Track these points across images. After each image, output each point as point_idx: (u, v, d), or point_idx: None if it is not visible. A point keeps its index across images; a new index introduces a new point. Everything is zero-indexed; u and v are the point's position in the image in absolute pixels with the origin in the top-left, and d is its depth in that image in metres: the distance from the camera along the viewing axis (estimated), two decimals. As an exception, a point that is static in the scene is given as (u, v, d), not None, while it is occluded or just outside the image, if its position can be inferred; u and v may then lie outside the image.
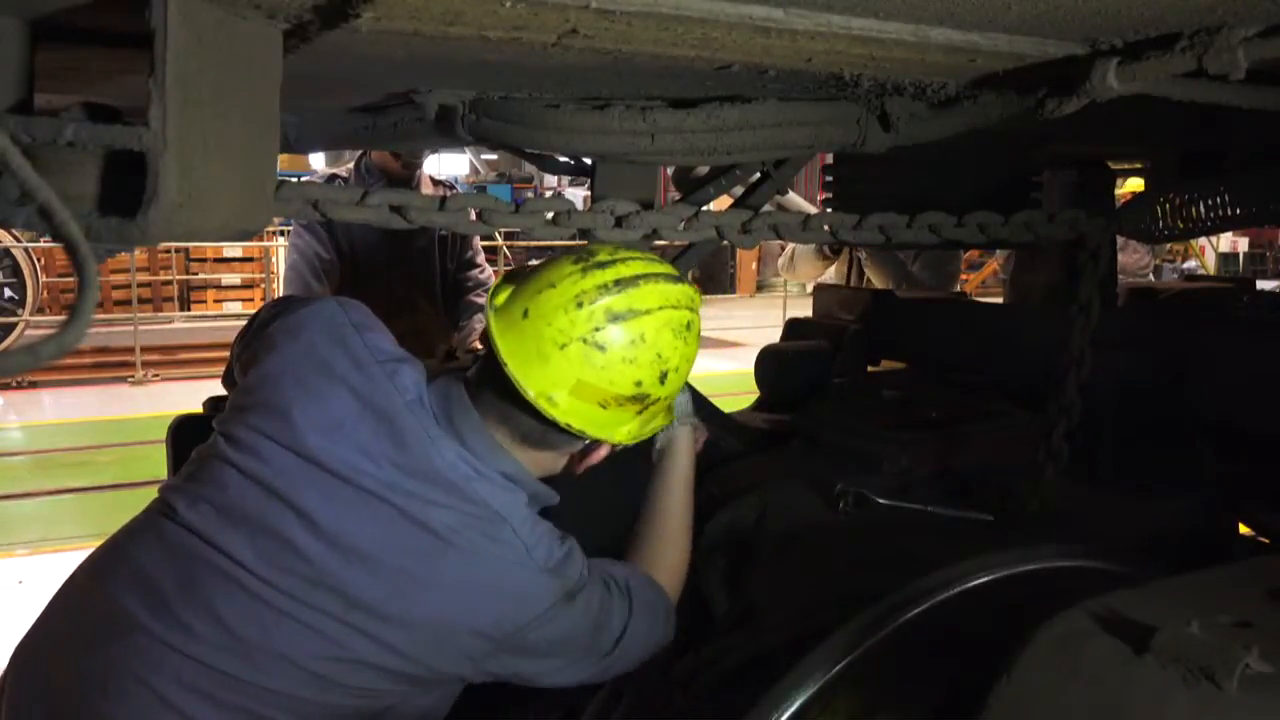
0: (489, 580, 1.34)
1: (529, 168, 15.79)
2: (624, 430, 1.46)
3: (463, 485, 1.37)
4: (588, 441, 1.47)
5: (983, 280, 13.45)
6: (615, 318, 1.36)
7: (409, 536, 1.33)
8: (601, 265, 1.39)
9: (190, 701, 1.27)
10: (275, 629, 1.29)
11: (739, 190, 2.07)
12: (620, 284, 1.38)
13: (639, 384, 1.39)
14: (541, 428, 1.41)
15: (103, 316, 10.53)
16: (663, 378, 1.41)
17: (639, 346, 1.37)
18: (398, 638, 1.31)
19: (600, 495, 1.65)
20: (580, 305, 1.36)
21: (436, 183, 3.74)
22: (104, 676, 1.28)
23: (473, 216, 1.48)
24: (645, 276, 1.40)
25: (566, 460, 1.52)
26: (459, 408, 1.42)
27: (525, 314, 1.38)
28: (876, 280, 4.06)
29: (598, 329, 1.36)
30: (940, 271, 4.14)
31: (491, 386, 1.42)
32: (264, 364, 1.45)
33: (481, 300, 3.58)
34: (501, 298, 1.44)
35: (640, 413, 1.45)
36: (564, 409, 1.38)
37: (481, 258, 3.70)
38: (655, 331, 1.38)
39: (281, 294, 1.88)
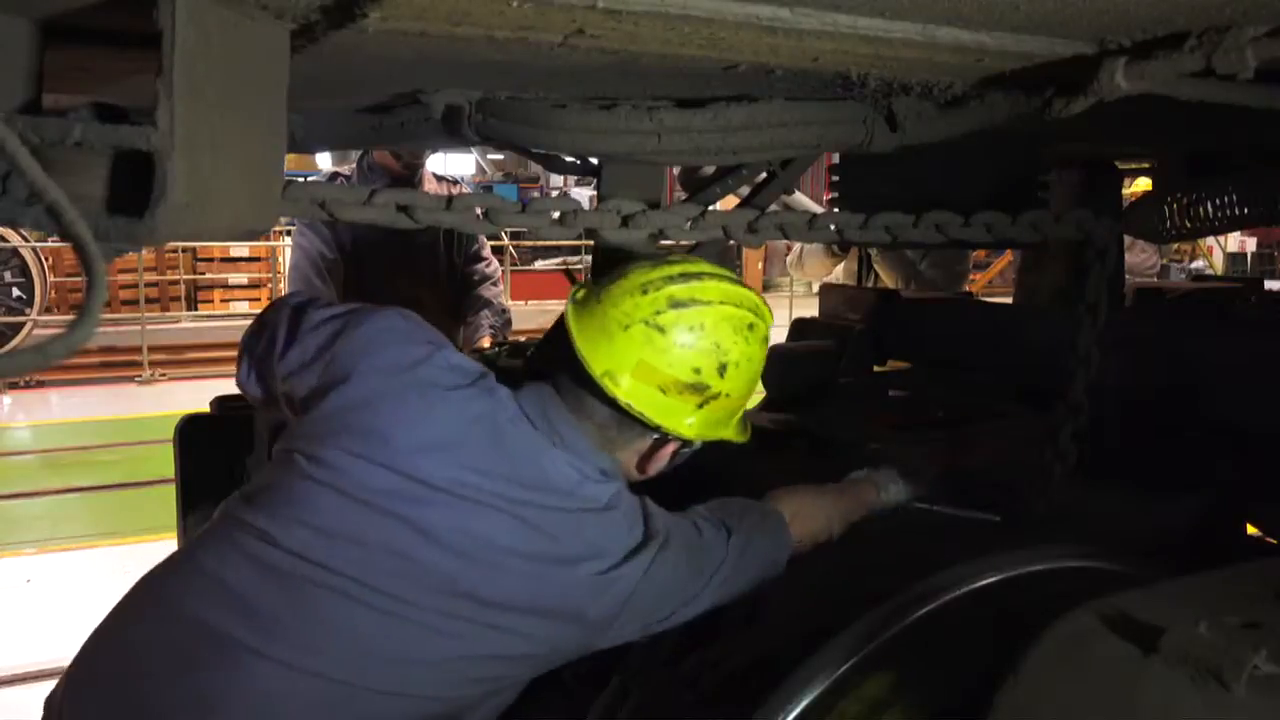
0: (609, 568, 1.41)
1: (535, 167, 15.81)
2: (686, 422, 1.49)
3: (575, 488, 1.44)
4: (654, 437, 1.50)
5: (989, 280, 13.43)
6: (677, 304, 1.44)
7: (532, 541, 1.39)
8: (671, 262, 1.50)
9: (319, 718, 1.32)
10: (412, 640, 1.34)
11: (745, 190, 2.06)
12: (685, 276, 1.47)
13: (697, 371, 1.45)
14: (610, 419, 1.48)
15: (110, 316, 10.55)
16: (721, 370, 1.47)
17: (697, 333, 1.45)
18: (531, 626, 1.39)
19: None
20: (645, 291, 1.45)
21: (440, 179, 3.75)
22: (204, 699, 1.29)
23: (479, 215, 1.48)
24: (711, 275, 1.49)
25: (636, 462, 1.54)
26: (556, 413, 1.47)
27: (597, 300, 1.48)
28: (886, 278, 4.07)
29: (659, 312, 1.44)
30: (949, 270, 4.14)
31: (568, 383, 1.49)
32: (346, 386, 1.43)
33: (488, 294, 3.60)
34: (581, 294, 1.53)
35: (701, 405, 1.49)
36: (626, 389, 1.44)
37: (487, 251, 3.71)
38: (714, 323, 1.46)
39: (287, 294, 1.83)
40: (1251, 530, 2.06)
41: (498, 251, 11.43)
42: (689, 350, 1.44)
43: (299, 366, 1.52)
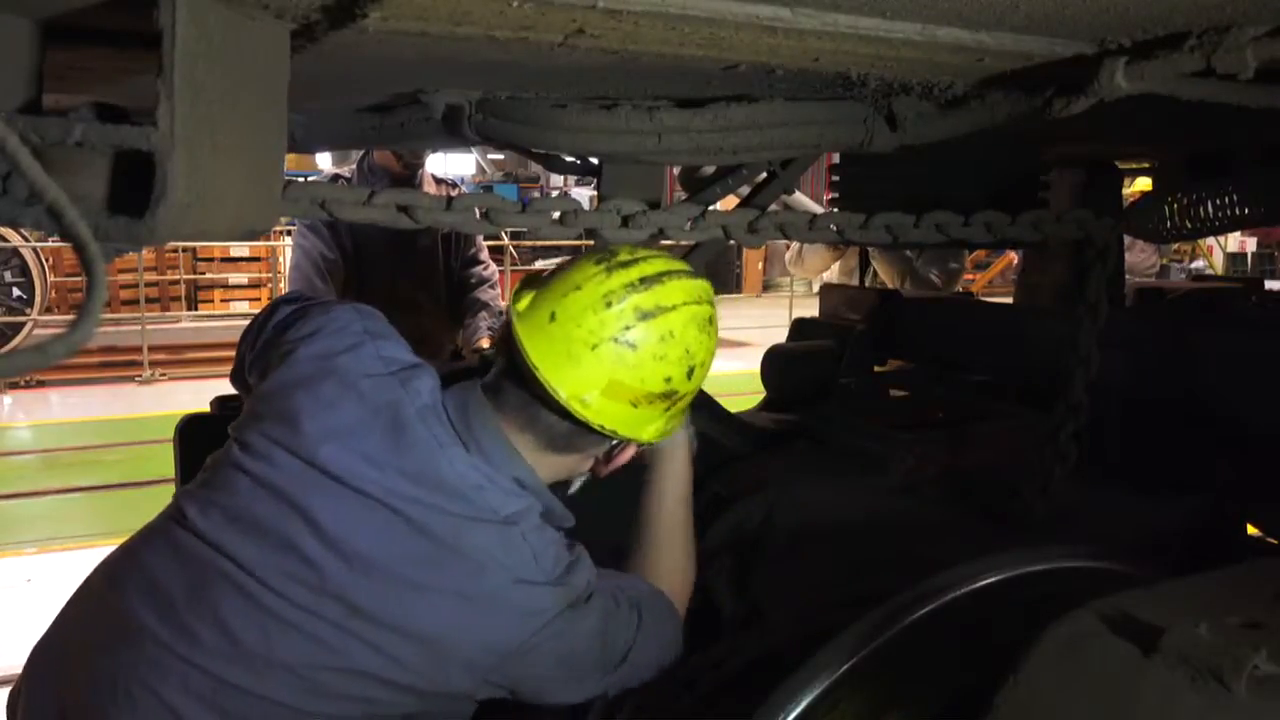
0: (494, 591, 1.32)
1: (535, 167, 15.80)
2: (651, 429, 1.46)
3: (471, 493, 1.36)
4: (614, 443, 1.47)
5: (989, 280, 13.43)
6: (644, 315, 1.37)
7: (413, 544, 1.32)
8: (625, 265, 1.40)
9: (195, 710, 1.27)
10: (278, 637, 1.28)
11: (745, 190, 2.06)
12: (646, 281, 1.38)
13: (669, 380, 1.40)
14: (570, 431, 1.41)
15: (110, 316, 10.54)
16: (690, 373, 1.42)
17: (668, 343, 1.38)
18: (399, 648, 1.30)
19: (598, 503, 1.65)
20: (609, 305, 1.36)
21: (439, 181, 3.75)
22: (113, 682, 1.28)
23: (479, 216, 1.48)
24: (668, 273, 1.41)
25: (591, 463, 1.52)
26: (477, 414, 1.41)
27: (552, 317, 1.38)
28: (884, 275, 4.09)
29: (628, 327, 1.36)
30: (944, 267, 4.17)
31: (515, 391, 1.42)
32: (279, 372, 1.45)
33: (485, 297, 3.59)
34: (524, 303, 1.43)
35: (667, 410, 1.45)
36: (596, 409, 1.38)
37: (485, 254, 3.71)
38: (682, 327, 1.39)
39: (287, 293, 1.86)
40: (1251, 530, 2.07)
41: (498, 252, 11.43)
42: (661, 362, 1.38)
43: (256, 357, 1.57)
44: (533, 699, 1.41)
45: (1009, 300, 3.57)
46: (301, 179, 1.43)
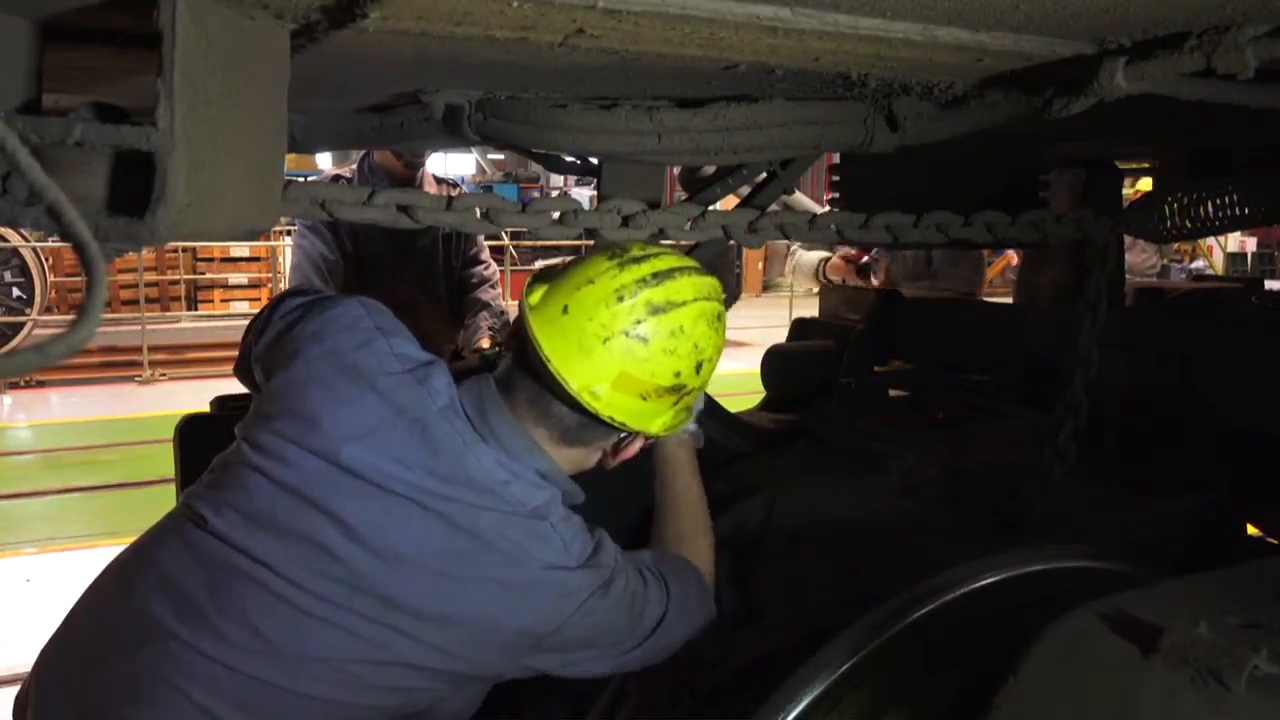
0: (530, 579, 1.36)
1: (535, 167, 15.80)
2: (659, 422, 1.48)
3: (500, 489, 1.38)
4: (623, 436, 1.50)
5: (989, 280, 13.42)
6: (655, 310, 1.39)
7: (449, 540, 1.34)
8: (637, 260, 1.42)
9: (223, 707, 1.28)
10: (309, 633, 1.30)
11: (745, 190, 2.06)
12: (658, 277, 1.41)
13: (678, 374, 1.42)
14: (580, 422, 1.44)
15: (110, 316, 10.54)
16: (698, 368, 1.45)
17: (678, 338, 1.40)
18: (440, 637, 1.33)
19: (612, 490, 1.66)
20: (621, 299, 1.39)
21: (439, 181, 3.75)
22: (133, 684, 1.29)
23: (479, 216, 1.48)
24: (679, 270, 1.43)
25: (599, 456, 1.53)
26: (493, 410, 1.43)
27: (565, 310, 1.40)
28: (897, 276, 4.07)
29: (639, 321, 1.39)
30: (956, 269, 4.15)
31: (527, 384, 1.44)
32: (289, 370, 1.44)
33: (486, 297, 3.59)
34: (536, 296, 1.45)
35: (675, 404, 1.48)
36: (606, 401, 1.40)
37: (486, 254, 3.71)
38: (692, 322, 1.42)
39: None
40: (1251, 530, 2.07)
41: (498, 252, 11.42)
42: (671, 356, 1.40)
43: (263, 353, 1.56)
44: (570, 674, 1.46)
45: (1009, 300, 3.56)
46: (301, 179, 1.43)
